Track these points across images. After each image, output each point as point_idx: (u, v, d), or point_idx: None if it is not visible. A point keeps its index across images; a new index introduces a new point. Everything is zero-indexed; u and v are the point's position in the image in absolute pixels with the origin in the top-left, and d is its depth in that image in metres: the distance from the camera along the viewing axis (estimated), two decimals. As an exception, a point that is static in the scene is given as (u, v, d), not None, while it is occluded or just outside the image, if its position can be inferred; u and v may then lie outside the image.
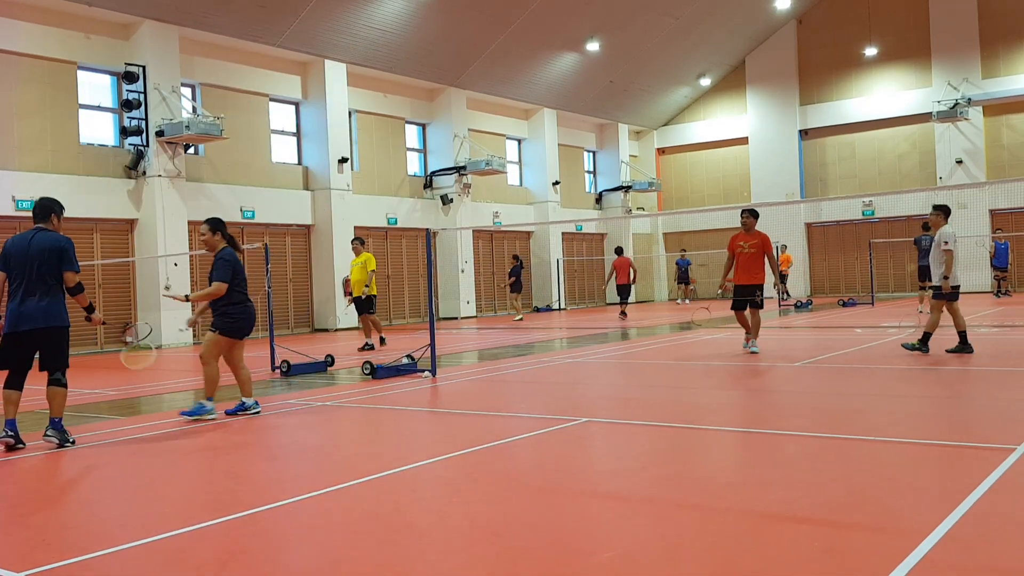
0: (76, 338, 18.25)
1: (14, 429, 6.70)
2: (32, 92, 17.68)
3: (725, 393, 8.85)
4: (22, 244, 6.81)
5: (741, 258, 11.78)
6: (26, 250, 6.77)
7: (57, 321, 6.96)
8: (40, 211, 7.00)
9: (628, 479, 5.11)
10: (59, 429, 6.78)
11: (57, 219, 7.04)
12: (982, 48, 28.96)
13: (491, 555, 3.83)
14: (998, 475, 4.72)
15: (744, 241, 11.76)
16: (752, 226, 11.86)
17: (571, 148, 32.36)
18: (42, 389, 7.11)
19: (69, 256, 6.89)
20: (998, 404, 7.31)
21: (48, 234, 6.89)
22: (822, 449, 5.82)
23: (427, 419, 7.94)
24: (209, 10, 19.36)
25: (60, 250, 6.82)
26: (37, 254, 6.74)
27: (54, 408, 6.83)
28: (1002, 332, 14.17)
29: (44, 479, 5.93)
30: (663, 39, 29.15)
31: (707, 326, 18.10)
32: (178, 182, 19.35)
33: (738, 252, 11.82)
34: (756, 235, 11.78)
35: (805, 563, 3.56)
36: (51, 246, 6.80)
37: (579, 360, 12.47)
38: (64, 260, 6.84)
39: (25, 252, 6.77)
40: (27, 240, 6.82)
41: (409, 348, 12.78)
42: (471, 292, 26.94)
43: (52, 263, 6.78)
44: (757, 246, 11.66)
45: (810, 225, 32.61)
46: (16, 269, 6.77)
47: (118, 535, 4.32)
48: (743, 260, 11.76)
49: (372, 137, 24.96)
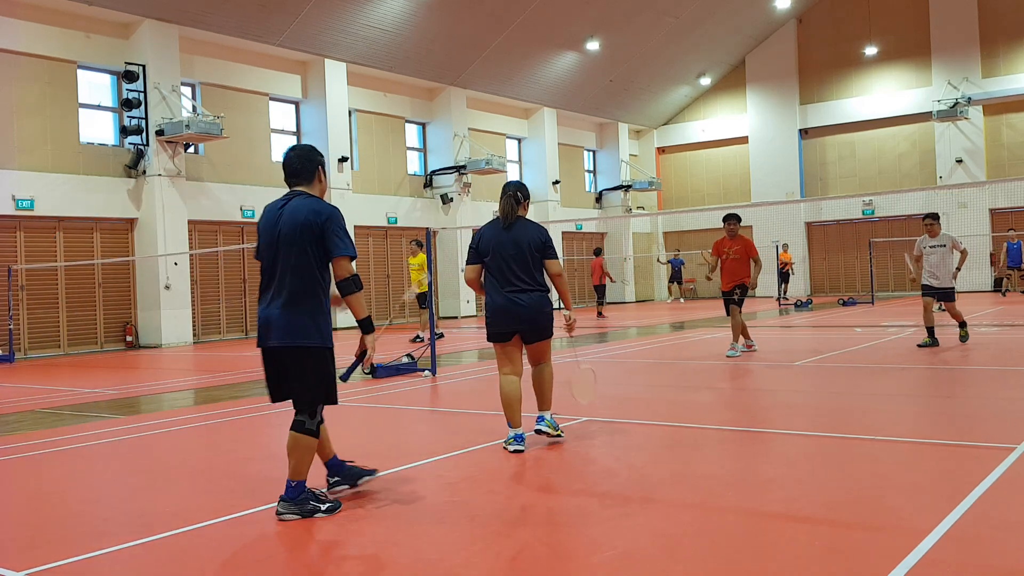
0: (76, 337, 18.30)
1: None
2: (32, 91, 17.67)
3: (725, 393, 8.85)
4: (271, 217, 4.69)
5: (726, 264, 11.75)
6: (275, 226, 4.63)
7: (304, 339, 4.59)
8: (299, 164, 4.74)
9: (628, 478, 5.10)
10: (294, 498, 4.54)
11: (324, 174, 4.84)
12: (982, 47, 28.95)
13: (491, 555, 3.82)
14: (998, 475, 4.72)
15: (728, 247, 11.72)
16: (736, 231, 11.82)
17: (571, 147, 32.35)
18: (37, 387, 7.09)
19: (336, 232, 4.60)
20: (998, 403, 7.31)
21: (307, 201, 4.66)
22: (822, 448, 5.81)
23: (427, 419, 7.94)
24: (209, 9, 19.35)
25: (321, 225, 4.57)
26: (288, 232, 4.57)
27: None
28: (1002, 332, 14.17)
29: (44, 479, 5.92)
30: (663, 38, 29.14)
31: (707, 326, 18.09)
32: (178, 181, 19.35)
33: (723, 258, 11.79)
34: (740, 240, 11.74)
35: (805, 562, 3.56)
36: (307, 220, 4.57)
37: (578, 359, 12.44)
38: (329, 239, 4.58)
39: (273, 229, 4.64)
40: (276, 211, 4.69)
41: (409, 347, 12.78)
42: (471, 292, 26.91)
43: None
44: (741, 251, 11.63)
45: (810, 224, 32.61)
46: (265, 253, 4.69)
47: (118, 535, 4.32)
48: (728, 266, 11.72)
49: (372, 136, 24.96)
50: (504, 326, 5.97)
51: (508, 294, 5.92)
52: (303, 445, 4.54)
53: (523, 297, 5.91)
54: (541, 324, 5.99)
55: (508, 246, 5.94)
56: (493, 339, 6.07)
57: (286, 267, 4.52)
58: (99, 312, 18.74)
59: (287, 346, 4.50)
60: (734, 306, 11.65)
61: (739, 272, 11.64)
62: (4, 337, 16.87)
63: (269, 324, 4.54)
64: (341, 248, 4.53)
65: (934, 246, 11.51)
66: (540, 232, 6.06)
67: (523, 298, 5.91)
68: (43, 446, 6.91)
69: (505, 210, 6.05)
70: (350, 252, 4.55)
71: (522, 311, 5.90)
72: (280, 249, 4.55)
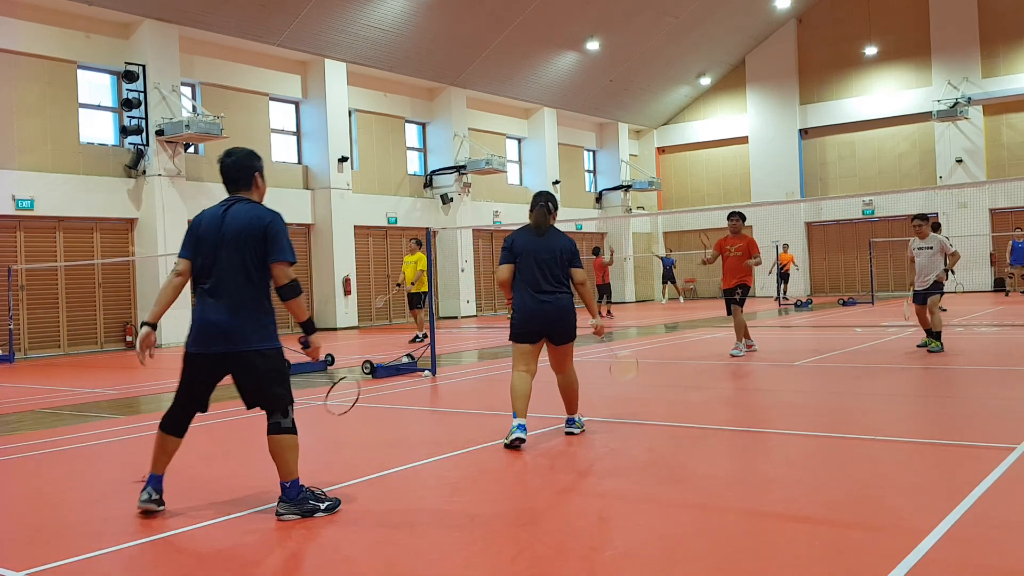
0: (76, 337, 18.29)
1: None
2: (32, 91, 17.67)
3: (725, 392, 8.85)
4: (212, 221, 4.61)
5: (728, 262, 11.72)
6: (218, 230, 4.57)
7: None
8: (235, 172, 4.69)
9: (628, 478, 5.10)
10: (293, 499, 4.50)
11: (262, 179, 4.79)
12: (982, 47, 28.95)
13: (491, 554, 3.82)
14: (998, 475, 4.72)
15: (731, 245, 11.70)
16: (739, 229, 11.79)
17: (571, 147, 32.35)
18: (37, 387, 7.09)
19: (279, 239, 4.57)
20: (998, 403, 7.32)
21: (249, 206, 4.63)
22: (822, 448, 5.82)
23: (427, 418, 7.94)
24: (209, 9, 19.35)
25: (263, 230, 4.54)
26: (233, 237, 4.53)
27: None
28: (1002, 332, 14.17)
29: (44, 479, 5.92)
30: (663, 38, 29.14)
31: (707, 326, 18.10)
32: (178, 181, 19.34)
33: (725, 255, 11.77)
34: (742, 238, 11.72)
35: (805, 562, 3.56)
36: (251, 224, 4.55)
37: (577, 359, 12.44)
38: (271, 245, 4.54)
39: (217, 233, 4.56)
40: (219, 215, 4.61)
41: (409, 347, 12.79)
42: (471, 291, 26.93)
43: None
44: (743, 249, 11.60)
45: (810, 224, 32.60)
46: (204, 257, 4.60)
47: (118, 535, 4.32)
48: (729, 263, 11.70)
49: (372, 136, 24.96)
50: (533, 326, 6.24)
51: (538, 296, 6.22)
52: (287, 445, 4.51)
53: (552, 299, 6.22)
54: (568, 326, 6.29)
55: (542, 252, 6.28)
56: (518, 339, 6.30)
57: (229, 271, 4.49)
58: (99, 312, 18.74)
59: (241, 351, 4.45)
60: (736, 306, 11.64)
61: (741, 271, 11.63)
62: (4, 337, 16.87)
63: (216, 330, 4.46)
64: (279, 253, 4.51)
65: (922, 248, 11.39)
66: (569, 241, 6.44)
67: (552, 300, 6.22)
68: (43, 446, 6.91)
69: (539, 220, 6.38)
70: (289, 257, 4.53)
71: (551, 313, 6.20)
72: (222, 252, 4.50)
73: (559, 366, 6.42)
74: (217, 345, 4.46)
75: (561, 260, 6.28)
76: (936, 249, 11.27)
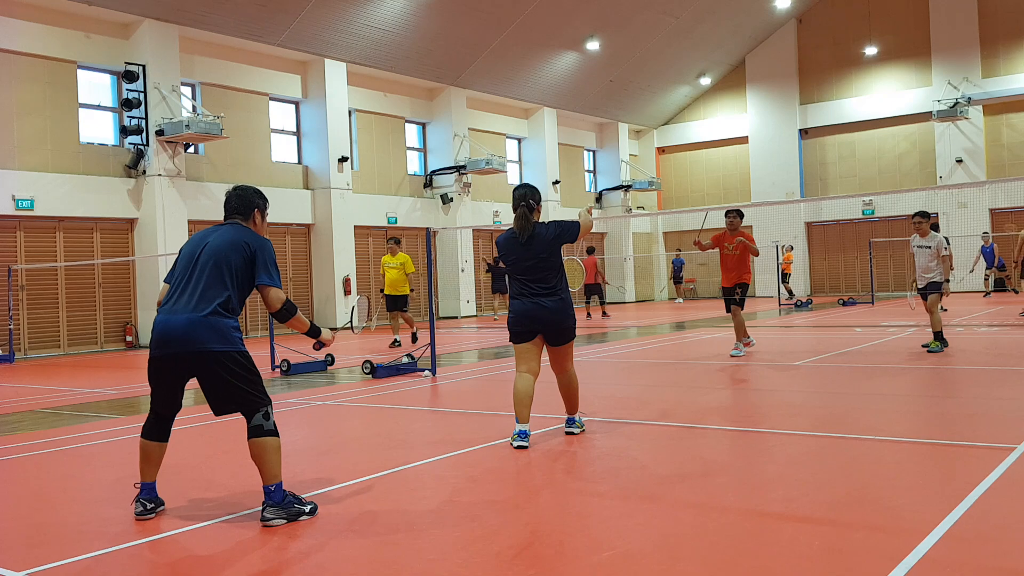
0: (76, 337, 18.30)
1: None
2: (32, 91, 17.67)
3: (725, 392, 8.85)
4: (199, 239, 4.71)
5: (726, 260, 11.70)
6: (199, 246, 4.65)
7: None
8: (236, 203, 4.79)
9: (628, 478, 5.10)
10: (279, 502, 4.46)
11: (262, 218, 4.88)
12: (982, 47, 28.96)
13: (491, 554, 3.82)
14: (998, 475, 4.72)
15: (729, 242, 11.66)
16: (737, 226, 11.74)
17: (571, 147, 32.36)
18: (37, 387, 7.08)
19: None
20: (998, 403, 7.31)
21: (242, 228, 4.72)
22: (822, 448, 5.81)
23: (427, 419, 7.93)
24: (209, 9, 19.35)
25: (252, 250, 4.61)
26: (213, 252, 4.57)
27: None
28: (1001, 332, 14.17)
29: (44, 479, 5.92)
30: (663, 38, 29.14)
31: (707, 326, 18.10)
32: (178, 181, 19.35)
33: (723, 253, 11.75)
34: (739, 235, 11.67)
35: (805, 562, 3.56)
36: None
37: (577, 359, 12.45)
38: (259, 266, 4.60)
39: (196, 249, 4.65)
40: (206, 234, 4.71)
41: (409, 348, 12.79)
42: (471, 291, 26.93)
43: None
44: (741, 247, 11.57)
45: (810, 224, 32.61)
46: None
47: (118, 535, 4.32)
48: (728, 261, 11.67)
49: (372, 136, 24.96)
50: (524, 325, 6.20)
51: (531, 299, 6.18)
52: (269, 447, 4.46)
53: (546, 301, 6.16)
54: (564, 326, 6.21)
55: (525, 260, 6.21)
56: (515, 339, 6.29)
57: (200, 278, 4.48)
58: (99, 312, 18.74)
59: (198, 352, 4.38)
60: (735, 306, 11.63)
61: (739, 268, 11.62)
62: (4, 337, 16.87)
63: (173, 332, 4.41)
64: (267, 278, 4.54)
65: (921, 246, 11.37)
66: (552, 232, 6.23)
67: (546, 302, 6.16)
68: (43, 446, 6.91)
69: (519, 225, 6.27)
70: (278, 284, 4.56)
71: (546, 314, 6.15)
72: (201, 260, 4.51)
73: (559, 366, 6.40)
74: (175, 346, 4.42)
75: (548, 263, 6.15)
76: (933, 250, 11.28)
